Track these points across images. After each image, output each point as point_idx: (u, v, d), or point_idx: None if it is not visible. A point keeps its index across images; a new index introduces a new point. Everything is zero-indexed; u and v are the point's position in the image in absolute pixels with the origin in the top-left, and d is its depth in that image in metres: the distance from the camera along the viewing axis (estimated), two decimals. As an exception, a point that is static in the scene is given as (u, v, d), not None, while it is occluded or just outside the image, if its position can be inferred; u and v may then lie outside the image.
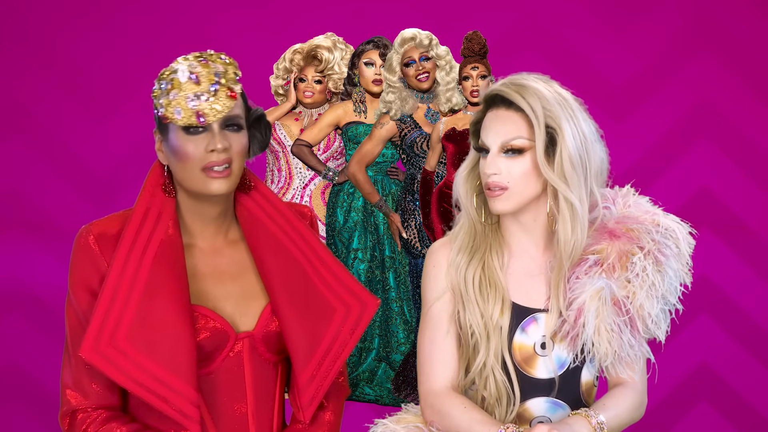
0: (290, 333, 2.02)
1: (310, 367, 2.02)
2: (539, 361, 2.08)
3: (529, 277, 2.11)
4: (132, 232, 1.97)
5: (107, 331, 1.90)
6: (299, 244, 2.07)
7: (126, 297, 1.92)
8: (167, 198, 2.02)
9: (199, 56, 1.96)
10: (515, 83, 2.06)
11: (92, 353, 1.89)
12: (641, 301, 2.04)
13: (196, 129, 1.94)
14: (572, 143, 2.01)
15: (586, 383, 2.11)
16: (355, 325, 2.06)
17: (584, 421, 2.00)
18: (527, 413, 2.10)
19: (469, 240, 2.11)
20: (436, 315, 2.11)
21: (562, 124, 2.01)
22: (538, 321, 2.09)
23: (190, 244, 2.04)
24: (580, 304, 2.03)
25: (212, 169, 1.94)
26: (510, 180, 2.03)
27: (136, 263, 1.95)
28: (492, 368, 2.06)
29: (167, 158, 2.00)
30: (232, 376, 2.02)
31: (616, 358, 2.06)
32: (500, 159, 2.03)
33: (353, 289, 2.08)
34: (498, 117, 2.05)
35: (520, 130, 2.03)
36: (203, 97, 1.92)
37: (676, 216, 2.15)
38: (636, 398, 2.10)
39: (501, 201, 2.04)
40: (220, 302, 2.02)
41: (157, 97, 1.97)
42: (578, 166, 2.02)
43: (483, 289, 2.08)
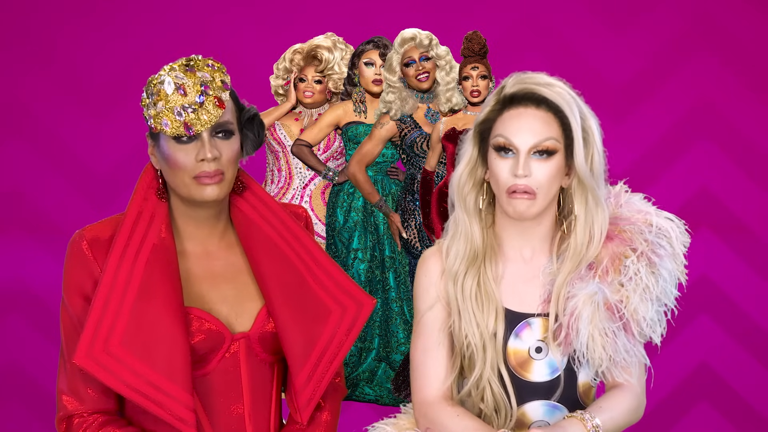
0: (286, 335, 2.02)
1: (306, 368, 2.02)
2: (535, 365, 2.06)
3: (522, 283, 2.08)
4: (124, 236, 1.96)
5: (101, 337, 1.89)
6: (294, 245, 2.06)
7: (119, 302, 1.92)
8: (159, 201, 2.01)
9: (185, 64, 1.94)
10: (542, 82, 1.99)
11: (86, 360, 1.89)
12: (635, 305, 2.01)
13: (187, 138, 1.94)
14: (599, 142, 2.00)
15: (584, 385, 2.09)
16: (351, 325, 2.05)
17: (579, 425, 1.98)
18: (525, 417, 2.08)
19: (465, 247, 2.06)
20: (428, 325, 2.09)
21: (591, 123, 1.99)
22: (532, 325, 2.06)
23: (185, 248, 2.03)
24: (573, 308, 2.01)
25: (204, 176, 1.94)
26: (537, 184, 1.98)
27: (129, 268, 1.94)
28: (489, 380, 2.04)
29: (159, 164, 2.00)
30: (229, 377, 2.02)
31: (611, 362, 2.03)
32: (530, 161, 1.97)
33: (349, 290, 2.07)
34: (526, 116, 1.98)
35: (551, 131, 1.98)
36: (190, 109, 1.91)
37: (675, 215, 2.13)
38: (633, 401, 2.07)
39: (527, 204, 1.98)
40: (216, 304, 2.02)
41: (146, 107, 1.96)
42: (603, 163, 2.02)
43: (479, 300, 2.05)
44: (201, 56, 1.97)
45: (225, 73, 1.98)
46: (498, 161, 2.00)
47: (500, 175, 2.00)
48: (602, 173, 2.02)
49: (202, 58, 1.96)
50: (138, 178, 2.04)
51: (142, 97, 1.97)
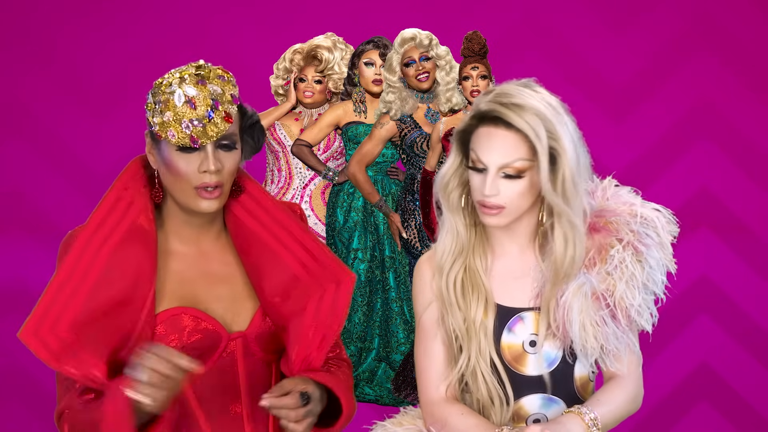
0: (284, 333, 2.02)
1: (301, 352, 2.01)
2: (529, 359, 2.08)
3: (513, 279, 2.11)
4: (95, 221, 1.94)
5: (51, 316, 1.87)
6: (283, 238, 2.06)
7: (78, 284, 1.89)
8: (141, 192, 1.98)
9: (196, 74, 1.92)
10: (512, 102, 1.99)
11: (31, 337, 1.88)
12: (621, 293, 2.03)
13: (189, 148, 1.93)
14: (572, 158, 1.99)
15: (581, 378, 2.11)
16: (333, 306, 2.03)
17: (577, 419, 1.99)
18: (522, 411, 2.10)
19: (452, 243, 2.09)
20: (426, 326, 2.12)
21: (563, 143, 1.98)
22: (525, 320, 2.09)
23: (179, 249, 2.03)
24: (564, 301, 2.04)
25: (204, 189, 1.94)
26: (507, 200, 2.01)
27: (94, 252, 1.91)
28: (477, 369, 2.06)
29: (157, 165, 1.99)
30: (226, 376, 2.01)
31: (603, 351, 2.06)
32: (499, 180, 2.00)
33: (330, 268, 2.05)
34: (496, 136, 2.00)
35: (519, 152, 1.99)
36: (198, 123, 1.91)
37: (675, 215, 2.14)
38: (630, 391, 2.09)
39: (496, 218, 2.03)
40: (211, 304, 2.01)
41: (151, 112, 1.94)
42: (577, 179, 2.01)
43: (465, 292, 2.08)
44: (211, 64, 1.96)
45: (234, 84, 1.97)
46: (473, 174, 2.04)
47: (474, 188, 2.04)
48: (576, 191, 2.01)
49: (213, 67, 1.95)
50: (122, 171, 2.02)
51: (148, 101, 1.96)
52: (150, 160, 2.00)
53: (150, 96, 1.96)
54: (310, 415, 1.92)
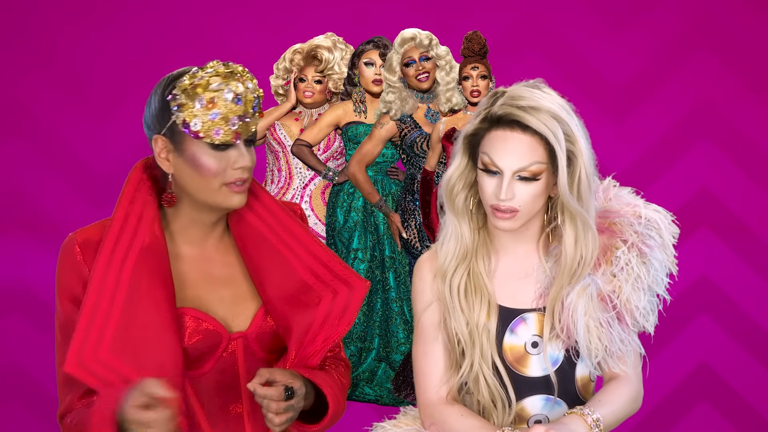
0: (285, 334, 2.02)
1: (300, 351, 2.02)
2: (531, 360, 2.08)
3: (515, 279, 2.11)
4: (111, 240, 1.94)
5: (90, 344, 1.88)
6: (288, 241, 2.06)
7: (108, 308, 1.90)
8: (147, 203, 1.98)
9: (230, 72, 1.92)
10: (528, 105, 1.98)
11: (76, 368, 1.88)
12: (627, 295, 2.04)
13: (225, 146, 1.93)
14: (588, 159, 2.00)
15: (582, 379, 2.11)
16: (345, 308, 2.04)
17: (580, 420, 1.99)
18: (524, 412, 2.10)
19: (455, 247, 2.09)
20: (425, 327, 2.12)
21: (579, 145, 1.98)
22: (527, 321, 2.09)
23: (181, 251, 2.03)
24: (569, 302, 2.03)
25: (236, 184, 1.94)
26: (521, 203, 2.00)
27: (117, 272, 1.92)
28: (480, 372, 2.06)
29: (176, 168, 1.95)
30: (227, 376, 2.02)
31: (607, 353, 2.06)
32: (514, 183, 1.99)
33: (342, 275, 2.06)
34: (512, 140, 1.98)
35: (536, 155, 1.98)
36: (246, 119, 1.92)
37: (674, 215, 2.15)
38: (631, 391, 2.09)
39: (509, 222, 2.01)
40: (213, 305, 2.02)
41: (186, 111, 1.90)
42: (591, 180, 2.01)
43: (468, 295, 2.07)
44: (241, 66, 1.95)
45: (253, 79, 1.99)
46: (484, 177, 2.03)
47: (485, 192, 2.03)
48: (590, 192, 2.02)
49: (241, 68, 1.94)
50: (125, 183, 2.01)
51: (178, 99, 1.91)
52: (163, 166, 1.97)
53: (181, 94, 1.91)
54: (291, 410, 1.92)
